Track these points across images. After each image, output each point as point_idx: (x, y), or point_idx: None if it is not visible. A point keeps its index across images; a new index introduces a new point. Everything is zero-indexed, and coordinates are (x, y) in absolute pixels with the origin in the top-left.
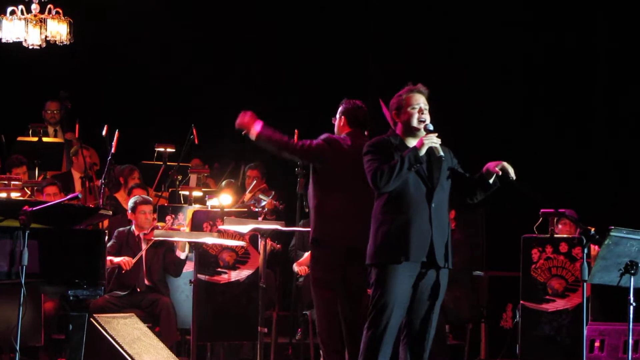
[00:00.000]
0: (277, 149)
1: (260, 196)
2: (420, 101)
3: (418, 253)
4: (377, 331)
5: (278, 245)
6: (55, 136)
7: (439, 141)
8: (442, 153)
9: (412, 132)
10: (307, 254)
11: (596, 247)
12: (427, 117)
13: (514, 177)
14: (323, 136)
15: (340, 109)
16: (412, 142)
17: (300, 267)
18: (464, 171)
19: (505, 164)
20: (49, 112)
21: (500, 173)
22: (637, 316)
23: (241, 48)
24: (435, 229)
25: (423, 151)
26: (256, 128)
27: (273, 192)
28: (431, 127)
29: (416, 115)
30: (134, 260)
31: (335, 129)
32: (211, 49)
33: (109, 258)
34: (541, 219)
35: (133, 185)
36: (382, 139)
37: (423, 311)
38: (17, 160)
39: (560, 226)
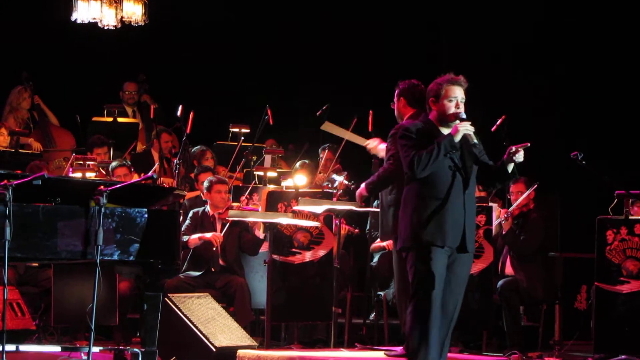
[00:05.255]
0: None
1: (334, 176)
2: (458, 94)
3: (453, 239)
4: (429, 313)
5: (356, 230)
6: (134, 117)
7: (472, 129)
8: (476, 140)
9: (446, 121)
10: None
11: None
12: (462, 110)
13: (520, 160)
14: (404, 133)
15: (397, 91)
16: (445, 131)
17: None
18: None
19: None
20: (127, 92)
21: (516, 160)
22: None
23: (315, 29)
24: (468, 215)
25: (458, 137)
26: None
27: (346, 173)
28: (464, 116)
29: (453, 109)
30: (222, 234)
31: (396, 113)
32: (287, 30)
33: (198, 235)
34: (616, 200)
35: (198, 169)
36: (419, 124)
37: (454, 295)
38: (99, 140)
39: (635, 208)
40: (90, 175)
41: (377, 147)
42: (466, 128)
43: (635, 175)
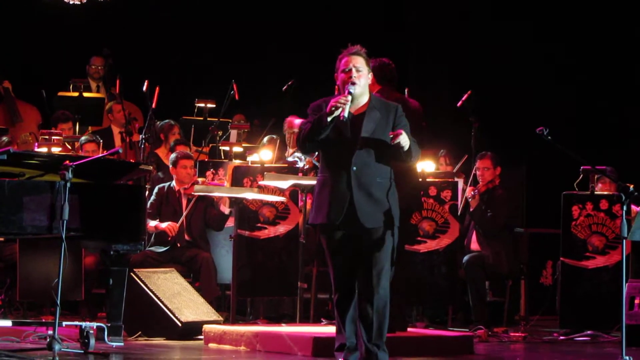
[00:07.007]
0: None
1: None
2: (350, 64)
3: (334, 215)
4: (334, 294)
5: None
6: (98, 91)
7: (346, 102)
8: (337, 113)
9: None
10: None
11: (637, 207)
12: (358, 79)
13: (405, 148)
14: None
15: None
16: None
17: None
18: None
19: (400, 137)
20: (94, 67)
21: (400, 146)
22: None
23: (279, 3)
24: (357, 190)
25: (336, 113)
26: None
27: None
28: (352, 89)
29: (344, 79)
30: (178, 225)
31: None
32: (252, 5)
33: (154, 224)
34: (582, 176)
35: (175, 142)
36: (319, 102)
37: (365, 272)
38: (63, 116)
39: (600, 184)
40: (56, 150)
41: None
42: (338, 101)
43: (600, 150)
